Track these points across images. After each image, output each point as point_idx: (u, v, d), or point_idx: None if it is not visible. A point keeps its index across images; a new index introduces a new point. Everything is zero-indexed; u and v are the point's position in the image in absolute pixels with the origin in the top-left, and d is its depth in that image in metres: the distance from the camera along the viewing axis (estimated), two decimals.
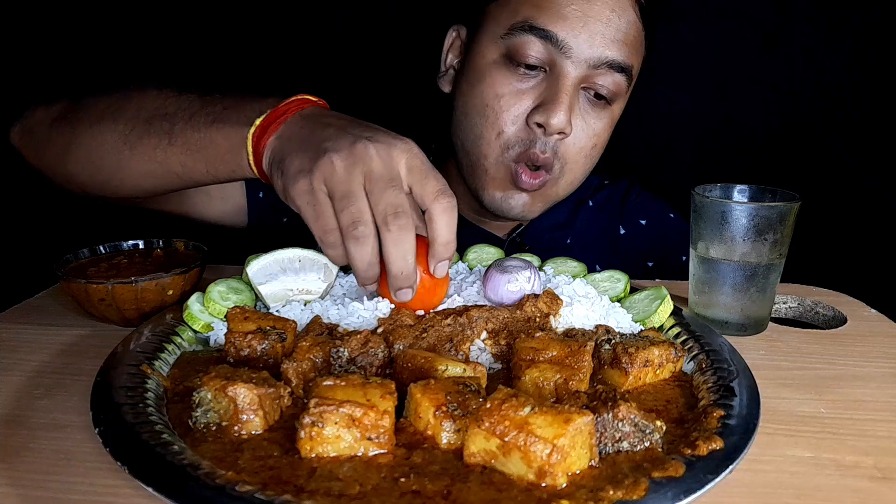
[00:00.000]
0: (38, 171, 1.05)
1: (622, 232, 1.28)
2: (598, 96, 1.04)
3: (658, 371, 0.70)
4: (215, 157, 0.85)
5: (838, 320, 0.94)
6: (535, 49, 1.00)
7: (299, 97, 0.82)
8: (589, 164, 1.11)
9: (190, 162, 0.87)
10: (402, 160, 0.72)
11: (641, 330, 0.80)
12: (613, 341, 0.71)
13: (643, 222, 1.28)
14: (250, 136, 0.80)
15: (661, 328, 0.83)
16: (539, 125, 1.02)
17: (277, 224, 1.27)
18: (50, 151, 1.00)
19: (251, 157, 0.81)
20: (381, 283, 0.77)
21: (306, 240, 0.79)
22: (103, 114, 0.93)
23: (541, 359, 0.67)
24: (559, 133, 1.02)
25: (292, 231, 1.26)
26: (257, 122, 0.80)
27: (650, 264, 1.30)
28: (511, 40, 1.02)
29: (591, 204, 1.30)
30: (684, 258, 0.92)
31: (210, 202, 1.23)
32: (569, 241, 1.25)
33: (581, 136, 1.05)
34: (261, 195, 1.26)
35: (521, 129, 1.04)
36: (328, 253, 0.75)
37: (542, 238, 1.23)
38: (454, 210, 0.73)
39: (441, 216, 0.72)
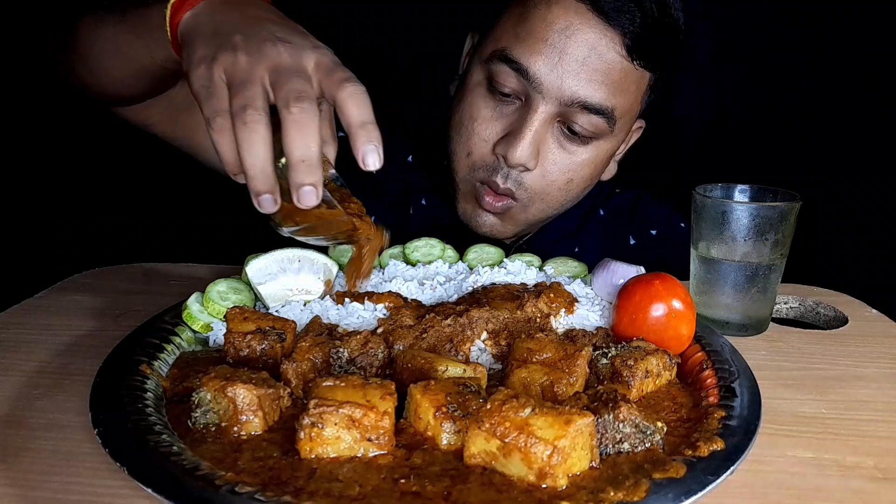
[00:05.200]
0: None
1: (632, 242, 1.26)
2: (575, 133, 1.01)
3: (657, 381, 0.69)
4: (148, 34, 0.80)
5: (839, 320, 0.94)
6: (509, 80, 0.99)
7: None
8: (565, 196, 1.08)
9: (136, 41, 0.82)
10: (312, 59, 0.68)
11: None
12: (610, 354, 0.69)
13: (653, 233, 1.26)
14: (169, 8, 0.74)
15: None
16: (502, 156, 1.01)
17: None
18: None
19: (169, 33, 0.75)
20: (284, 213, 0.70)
21: None
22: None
23: (534, 360, 0.67)
24: (520, 166, 1.01)
25: None
26: None
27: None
28: (491, 67, 1.01)
29: (601, 213, 1.28)
30: None
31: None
32: (577, 249, 1.24)
33: (553, 170, 1.03)
34: None
35: (486, 155, 1.04)
36: (214, 138, 0.66)
37: (549, 248, 1.22)
38: (364, 95, 0.67)
39: (348, 101, 0.66)
